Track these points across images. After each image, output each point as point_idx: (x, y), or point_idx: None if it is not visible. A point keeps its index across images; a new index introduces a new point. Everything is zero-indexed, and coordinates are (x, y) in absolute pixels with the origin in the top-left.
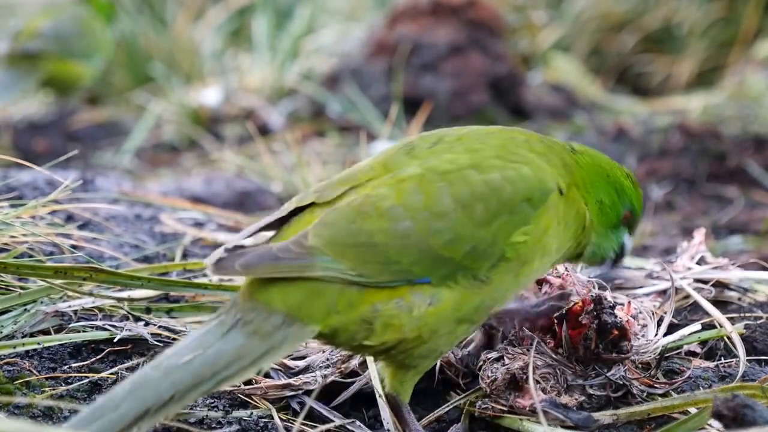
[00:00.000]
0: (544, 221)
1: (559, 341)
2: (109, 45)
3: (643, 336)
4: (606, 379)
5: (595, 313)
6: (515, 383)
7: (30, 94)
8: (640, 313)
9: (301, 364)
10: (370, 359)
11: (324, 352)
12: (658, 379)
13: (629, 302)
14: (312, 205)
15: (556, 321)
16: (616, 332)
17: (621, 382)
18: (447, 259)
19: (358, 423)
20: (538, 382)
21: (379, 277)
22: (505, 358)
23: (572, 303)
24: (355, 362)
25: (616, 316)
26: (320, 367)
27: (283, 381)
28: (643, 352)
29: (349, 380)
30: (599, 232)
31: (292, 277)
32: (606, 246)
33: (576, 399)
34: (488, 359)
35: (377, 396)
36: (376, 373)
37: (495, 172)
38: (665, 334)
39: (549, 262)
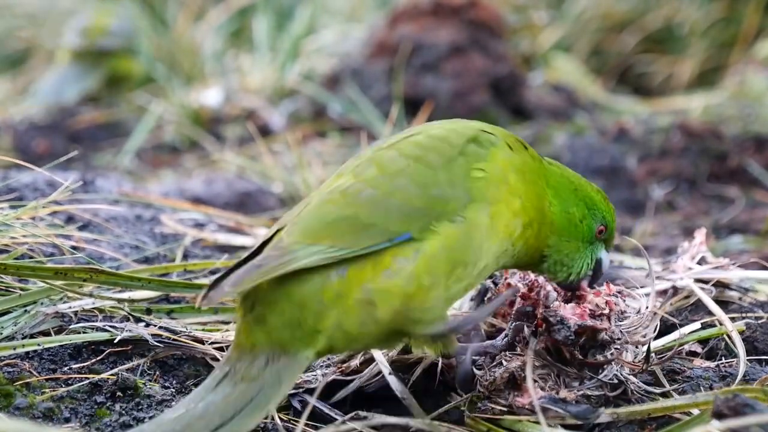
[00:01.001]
0: (498, 160)
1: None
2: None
3: (632, 328)
4: (599, 381)
5: (548, 333)
6: (513, 382)
7: (93, 89)
8: (618, 294)
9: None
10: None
11: None
12: (652, 372)
13: (587, 295)
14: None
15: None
16: (585, 335)
17: (615, 381)
18: (418, 209)
19: (359, 419)
20: (536, 381)
21: (360, 245)
22: (502, 360)
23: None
24: (355, 362)
25: (569, 329)
26: (320, 366)
27: None
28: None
29: (349, 378)
30: (572, 245)
31: (273, 304)
32: (580, 261)
33: (575, 394)
34: (486, 363)
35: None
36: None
37: (437, 130)
38: (664, 334)
39: (516, 213)
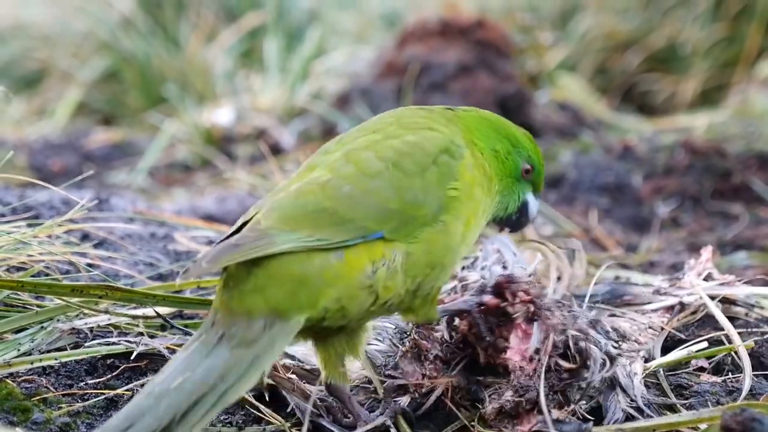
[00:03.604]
0: (467, 176)
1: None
2: None
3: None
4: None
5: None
6: (509, 413)
7: None
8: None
9: (313, 389)
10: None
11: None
12: (659, 387)
13: (506, 281)
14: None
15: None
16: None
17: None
18: (394, 210)
19: None
20: (532, 409)
21: (336, 238)
22: (495, 388)
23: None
24: (358, 372)
25: (492, 332)
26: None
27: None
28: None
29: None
30: (500, 184)
31: (268, 277)
32: (507, 200)
33: (566, 411)
34: (482, 393)
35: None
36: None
37: (409, 135)
38: (671, 350)
39: (484, 220)
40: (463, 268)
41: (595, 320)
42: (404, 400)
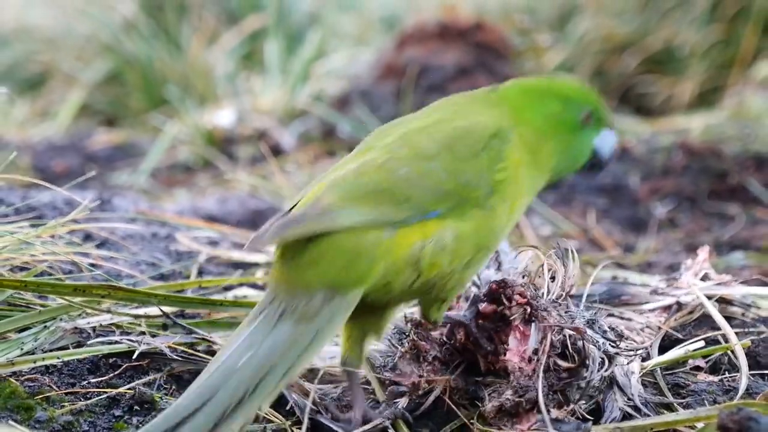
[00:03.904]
0: (514, 158)
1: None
2: None
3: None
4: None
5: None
6: (509, 412)
7: None
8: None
9: (311, 387)
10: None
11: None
12: (656, 386)
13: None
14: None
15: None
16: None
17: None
18: (449, 192)
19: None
20: (531, 408)
21: (397, 216)
22: (495, 387)
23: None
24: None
25: (491, 340)
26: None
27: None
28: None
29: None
30: (559, 144)
31: (327, 249)
32: (575, 153)
33: (566, 410)
34: (482, 392)
35: None
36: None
37: (459, 121)
38: (668, 349)
39: (531, 196)
40: None
41: (593, 320)
42: (402, 401)
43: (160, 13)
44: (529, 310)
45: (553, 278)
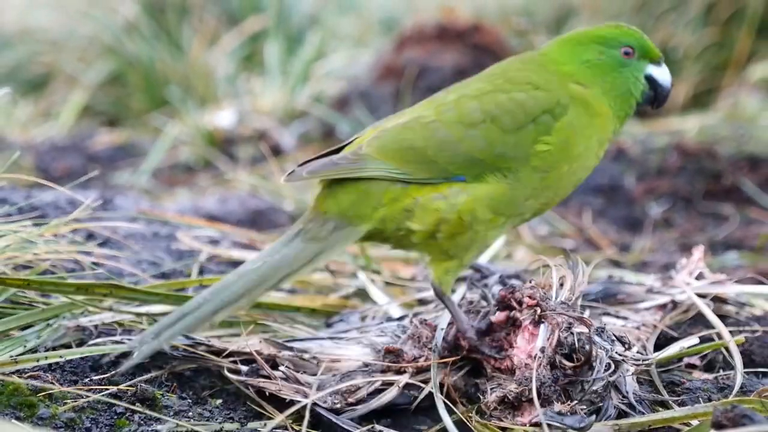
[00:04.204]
0: (565, 132)
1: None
2: None
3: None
4: (597, 393)
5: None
6: (512, 403)
7: None
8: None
9: (312, 380)
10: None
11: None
12: (652, 384)
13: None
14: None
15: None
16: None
17: (610, 393)
18: (479, 160)
19: (375, 430)
20: (531, 400)
21: (419, 174)
22: (498, 382)
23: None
24: (363, 392)
25: (501, 350)
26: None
27: (299, 397)
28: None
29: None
30: (607, 85)
31: (347, 186)
32: (628, 87)
33: (569, 405)
34: (484, 385)
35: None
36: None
37: (517, 93)
38: (663, 347)
39: (582, 165)
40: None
41: (601, 328)
42: (403, 378)
43: (161, 15)
44: (539, 311)
45: (561, 284)
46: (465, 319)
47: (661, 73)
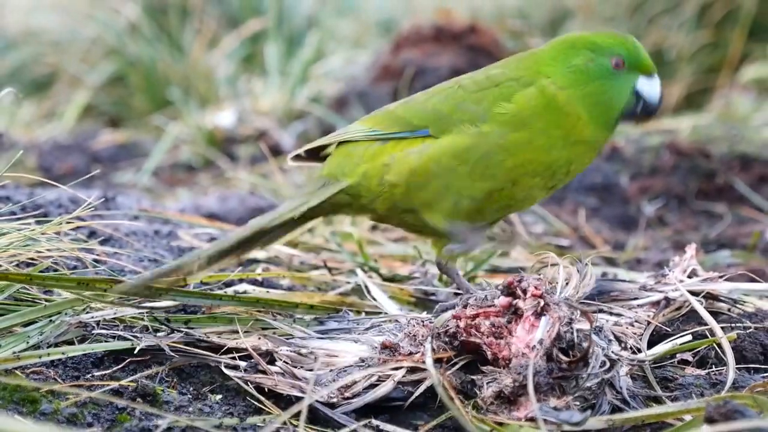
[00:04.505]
0: (524, 106)
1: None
2: None
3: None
4: (590, 389)
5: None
6: (508, 398)
7: None
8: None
9: (308, 375)
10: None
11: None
12: (645, 380)
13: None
14: None
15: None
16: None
17: (605, 389)
18: (441, 112)
19: (372, 425)
20: (527, 395)
21: (389, 129)
22: (494, 377)
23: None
24: (359, 374)
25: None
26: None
27: (296, 392)
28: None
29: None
30: (590, 92)
31: (336, 152)
32: (609, 98)
33: (564, 400)
34: (480, 381)
35: None
36: None
37: (493, 70)
38: (657, 343)
39: (544, 157)
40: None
41: (599, 327)
42: (398, 374)
43: (163, 17)
44: (542, 303)
45: (567, 282)
46: (470, 286)
47: (650, 88)
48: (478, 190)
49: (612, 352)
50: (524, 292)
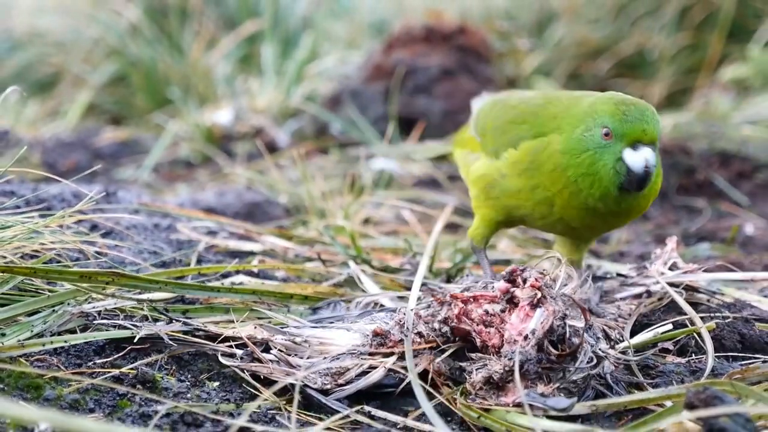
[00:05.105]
0: (522, 150)
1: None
2: None
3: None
4: (576, 376)
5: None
6: (497, 384)
7: None
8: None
9: (301, 362)
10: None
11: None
12: (628, 367)
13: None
14: None
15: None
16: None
17: (591, 376)
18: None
19: (364, 411)
20: (515, 381)
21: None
22: (485, 362)
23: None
24: (351, 373)
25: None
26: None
27: (291, 379)
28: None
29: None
30: (581, 157)
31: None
32: (597, 167)
33: (552, 388)
34: (470, 366)
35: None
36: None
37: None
38: (638, 333)
39: (524, 199)
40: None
41: (590, 324)
42: (390, 361)
43: (163, 19)
44: (539, 294)
45: (565, 284)
46: (491, 272)
47: (634, 159)
48: (491, 205)
49: (600, 349)
50: (524, 281)
